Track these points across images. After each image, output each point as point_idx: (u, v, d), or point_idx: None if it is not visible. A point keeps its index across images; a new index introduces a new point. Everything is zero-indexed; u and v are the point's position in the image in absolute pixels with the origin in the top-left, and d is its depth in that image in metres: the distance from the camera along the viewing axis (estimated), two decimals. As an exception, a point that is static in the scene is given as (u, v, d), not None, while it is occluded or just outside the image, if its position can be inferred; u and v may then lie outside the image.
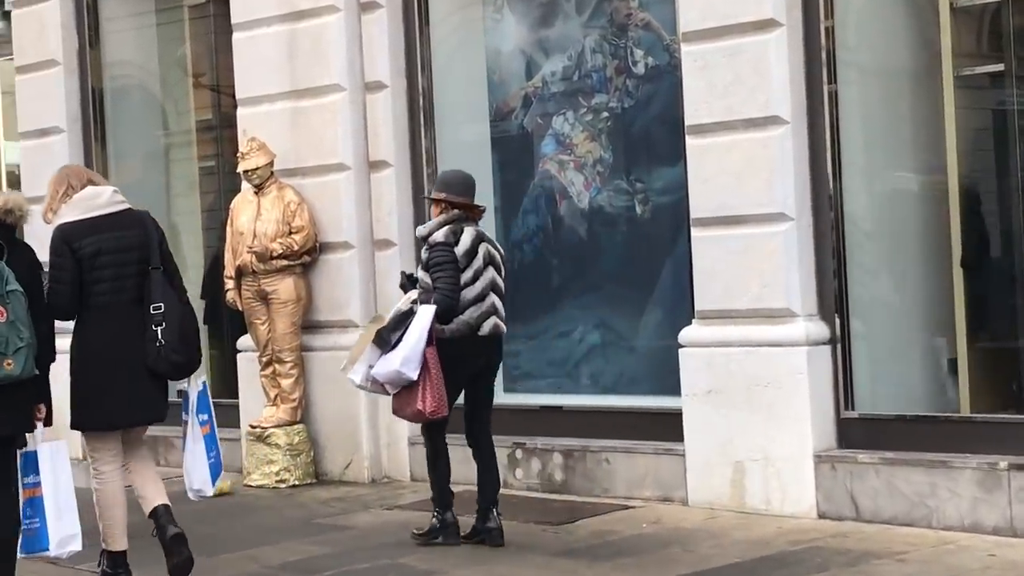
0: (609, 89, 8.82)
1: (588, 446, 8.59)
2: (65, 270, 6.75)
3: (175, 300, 6.86)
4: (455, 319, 7.38)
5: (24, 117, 11.69)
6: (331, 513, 8.59)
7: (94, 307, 6.78)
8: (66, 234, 6.77)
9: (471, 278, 7.43)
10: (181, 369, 6.91)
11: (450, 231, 7.44)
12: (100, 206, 6.84)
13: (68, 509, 6.65)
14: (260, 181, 9.62)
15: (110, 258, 6.77)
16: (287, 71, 9.72)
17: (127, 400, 6.84)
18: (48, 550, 6.63)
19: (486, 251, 7.51)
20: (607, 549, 7.25)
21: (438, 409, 7.30)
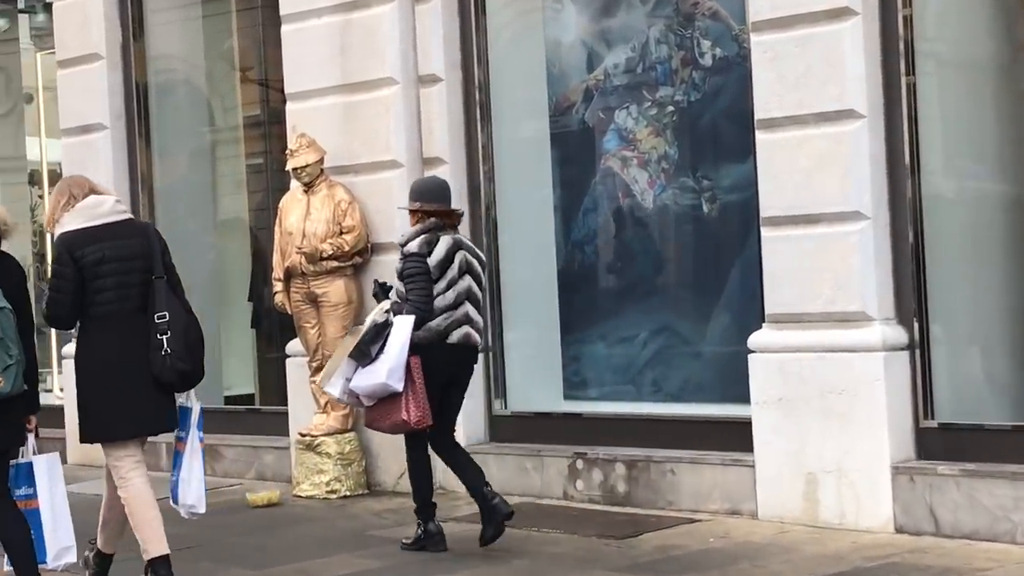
0: (675, 82, 8.78)
1: (652, 456, 8.56)
2: (66, 279, 6.90)
3: (180, 309, 6.99)
4: (424, 327, 7.63)
5: (66, 113, 11.77)
6: (384, 525, 8.59)
7: (97, 316, 6.94)
8: (68, 243, 6.93)
9: (444, 287, 7.69)
10: (187, 378, 7.01)
11: (424, 241, 7.69)
12: (102, 215, 7.00)
13: (63, 520, 6.86)
14: (310, 179, 9.64)
15: (113, 267, 6.92)
16: (338, 64, 9.74)
17: (134, 410, 6.96)
18: (46, 563, 6.80)
19: (463, 259, 7.75)
20: (672, 564, 7.22)
21: (423, 419, 7.54)
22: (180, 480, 7.14)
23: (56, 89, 12.04)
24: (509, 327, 9.54)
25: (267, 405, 11.32)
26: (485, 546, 7.69)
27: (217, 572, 7.66)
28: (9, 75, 13.64)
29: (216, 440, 10.72)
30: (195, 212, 12.10)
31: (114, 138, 11.48)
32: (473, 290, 7.83)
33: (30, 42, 13.24)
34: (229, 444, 10.75)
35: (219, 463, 10.73)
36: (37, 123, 13.25)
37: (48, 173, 13.03)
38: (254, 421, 10.87)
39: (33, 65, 13.16)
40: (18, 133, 13.65)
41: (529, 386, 9.53)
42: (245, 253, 12.33)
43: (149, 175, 11.62)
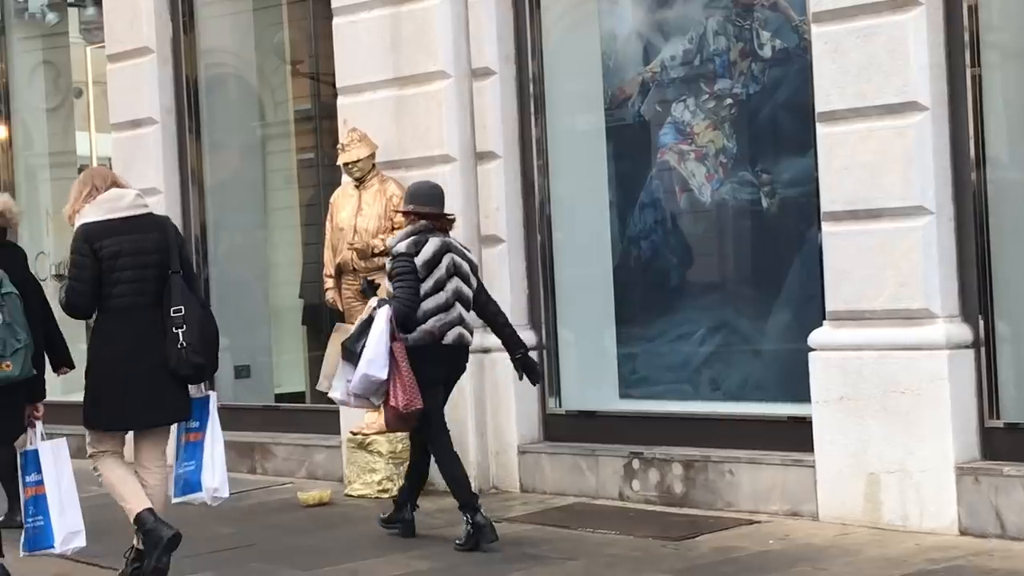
0: (733, 74, 8.73)
1: (710, 456, 8.52)
2: (85, 269, 7.11)
3: (195, 303, 7.22)
4: (417, 328, 7.92)
5: (116, 108, 11.82)
6: (436, 525, 8.58)
7: (113, 308, 7.15)
8: (88, 233, 7.12)
9: (432, 288, 7.97)
10: (202, 371, 7.25)
11: (413, 242, 8.01)
12: (122, 208, 7.21)
13: (71, 506, 7.03)
14: (361, 174, 9.64)
15: (130, 260, 7.13)
16: (390, 58, 9.74)
17: (145, 402, 7.16)
18: (53, 547, 7.00)
19: (451, 261, 8.04)
20: (731, 566, 7.18)
21: (411, 402, 7.75)
22: (203, 465, 7.34)
23: (106, 83, 12.09)
24: (564, 324, 9.52)
25: (318, 403, 11.34)
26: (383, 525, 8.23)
27: (268, 572, 7.67)
28: (59, 69, 13.72)
29: (267, 438, 10.77)
30: (245, 207, 12.14)
31: (164, 133, 11.52)
32: (463, 291, 8.08)
33: (80, 36, 13.31)
34: (280, 443, 10.77)
35: (270, 462, 10.76)
36: (87, 118, 13.33)
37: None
38: (305, 419, 10.88)
39: (83, 59, 13.24)
40: (67, 128, 13.73)
41: (584, 384, 9.51)
42: (296, 249, 12.37)
43: (199, 170, 11.65)
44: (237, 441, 11.03)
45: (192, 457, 7.39)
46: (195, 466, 7.37)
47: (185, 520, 9.06)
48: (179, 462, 7.41)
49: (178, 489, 7.42)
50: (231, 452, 10.91)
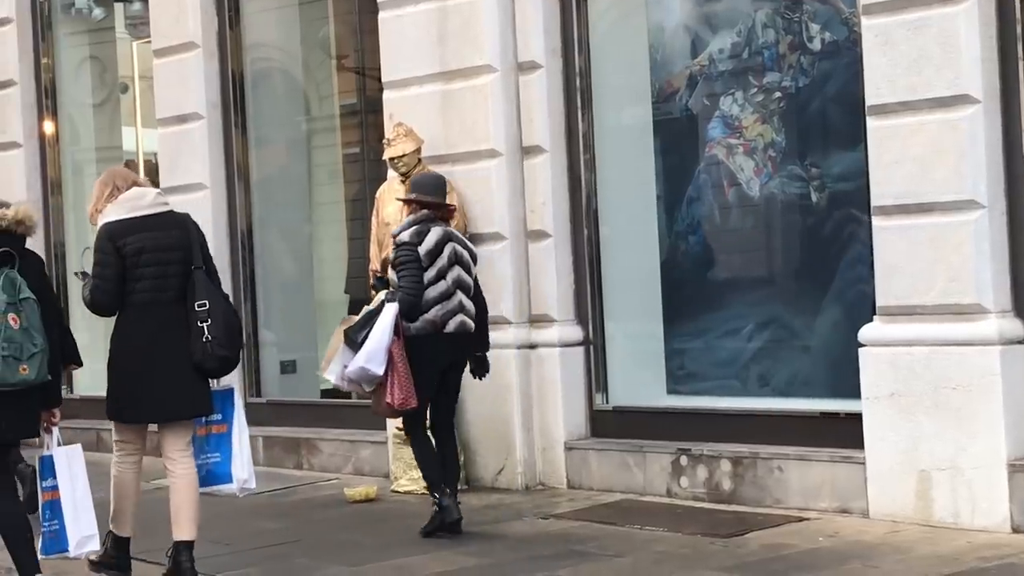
0: (782, 67, 8.71)
1: (759, 453, 8.50)
2: (109, 267, 7.32)
3: (219, 298, 7.40)
4: (420, 317, 8.16)
5: (162, 103, 11.89)
6: (482, 521, 8.60)
7: (136, 304, 7.34)
8: (111, 232, 7.33)
9: (435, 276, 8.21)
10: (227, 364, 7.42)
11: (416, 231, 8.25)
12: (144, 207, 7.42)
13: (85, 511, 7.16)
14: (407, 169, 9.66)
15: (152, 256, 7.33)
16: (436, 52, 9.76)
17: (167, 396, 7.34)
18: (68, 551, 7.13)
19: (452, 250, 8.29)
20: (781, 564, 7.17)
21: (406, 401, 8.01)
22: (233, 456, 7.55)
23: (152, 78, 12.16)
24: (611, 320, 9.51)
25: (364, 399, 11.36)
26: (424, 535, 8.22)
27: (314, 568, 7.70)
28: (104, 64, 13.80)
29: (313, 434, 10.81)
30: (291, 202, 12.18)
31: (210, 127, 11.57)
32: (464, 279, 8.35)
33: (125, 31, 13.39)
34: (326, 439, 10.81)
35: (316, 457, 10.80)
36: (133, 113, 13.40)
37: (144, 163, 13.16)
38: (351, 415, 10.91)
39: (129, 54, 13.30)
40: (113, 123, 13.81)
41: (631, 380, 9.51)
42: (341, 244, 12.41)
43: (245, 165, 11.70)
44: (283, 437, 11.11)
45: (218, 449, 7.58)
46: (222, 458, 7.57)
47: (232, 515, 9.18)
48: (197, 455, 7.55)
49: (200, 480, 7.55)
50: (277, 448, 11.05)
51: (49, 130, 13.32)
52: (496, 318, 9.56)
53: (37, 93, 13.27)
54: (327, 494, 9.85)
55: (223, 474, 7.58)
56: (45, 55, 13.31)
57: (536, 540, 8.04)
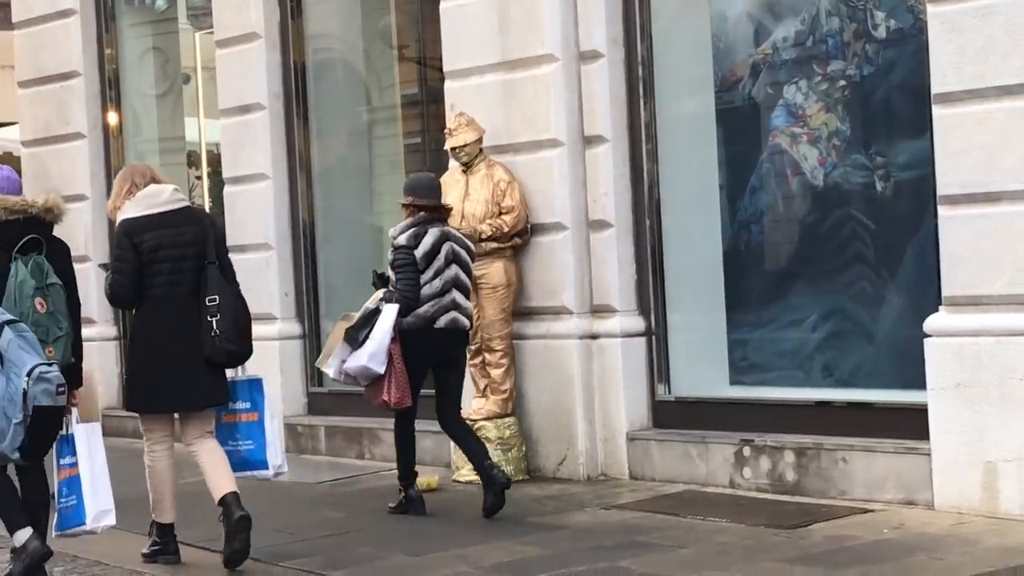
0: (846, 55, 8.66)
1: (822, 444, 8.47)
2: (127, 262, 7.64)
3: (229, 293, 7.67)
4: (412, 312, 8.55)
5: (224, 93, 11.96)
6: (544, 512, 8.61)
7: (153, 298, 7.64)
8: (128, 228, 7.64)
9: (431, 276, 8.58)
10: (235, 357, 7.74)
11: (413, 234, 8.61)
12: (161, 203, 7.70)
13: (103, 486, 7.38)
14: (468, 159, 9.68)
15: (168, 252, 7.62)
16: (497, 41, 9.77)
17: (182, 386, 7.64)
18: (85, 524, 7.35)
19: (449, 250, 8.65)
20: (845, 555, 7.14)
21: (402, 400, 8.51)
22: (267, 444, 7.84)
23: (214, 69, 12.23)
24: (673, 310, 9.50)
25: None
26: (488, 516, 8.46)
27: (377, 557, 7.74)
28: (167, 55, 13.88)
29: (375, 424, 10.85)
30: (352, 192, 12.23)
31: (272, 118, 11.63)
32: (460, 278, 8.69)
33: (188, 22, 13.47)
34: (388, 428, 10.79)
35: (378, 447, 10.84)
36: (195, 103, 13.47)
37: (206, 154, 13.25)
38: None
39: (191, 45, 13.38)
40: (176, 113, 13.89)
41: (694, 371, 9.49)
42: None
43: (307, 155, 11.75)
44: (345, 427, 11.16)
45: (250, 436, 7.86)
46: (256, 445, 7.86)
47: (294, 504, 9.25)
48: (224, 441, 7.84)
49: (233, 465, 7.80)
50: (339, 437, 11.11)
51: (113, 121, 13.43)
52: (557, 308, 9.59)
53: (101, 84, 13.38)
54: (389, 483, 9.86)
55: (257, 460, 7.86)
56: (109, 46, 13.41)
57: (598, 531, 8.04)
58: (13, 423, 4.85)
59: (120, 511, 7.46)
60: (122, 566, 7.91)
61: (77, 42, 13.30)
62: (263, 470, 7.90)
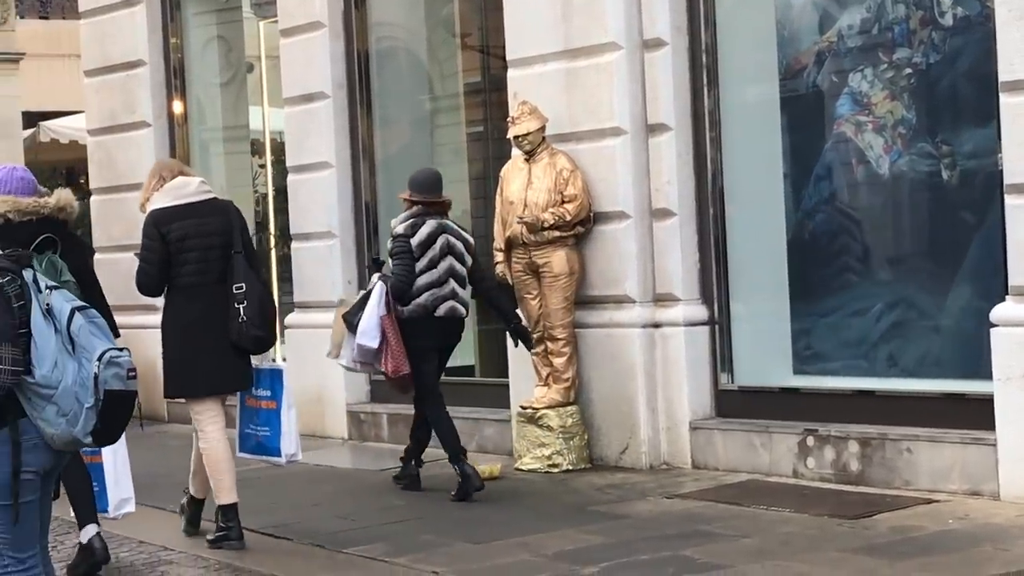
0: (912, 43, 8.60)
1: (887, 434, 8.42)
2: (154, 251, 7.91)
3: (255, 281, 7.95)
4: (412, 302, 8.89)
5: (288, 82, 12.01)
6: (607, 500, 8.62)
7: (181, 287, 7.91)
8: (156, 219, 7.92)
9: (426, 265, 8.95)
10: (262, 343, 7.99)
11: (410, 224, 9.01)
12: (188, 195, 7.98)
13: (124, 475, 7.64)
14: (531, 147, 9.68)
15: (195, 242, 7.88)
16: (560, 30, 9.76)
17: (210, 371, 7.90)
18: (108, 511, 7.62)
19: (445, 241, 9.01)
20: (909, 546, 7.10)
21: (398, 368, 8.80)
22: (282, 433, 8.06)
23: (277, 58, 12.29)
24: (736, 299, 9.47)
25: (487, 377, 11.43)
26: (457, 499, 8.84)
27: (440, 544, 7.76)
28: (230, 44, 13.96)
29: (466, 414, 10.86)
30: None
31: (335, 107, 11.67)
32: (456, 268, 9.04)
33: (252, 11, 13.53)
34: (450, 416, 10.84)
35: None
36: (258, 92, 13.54)
37: (270, 142, 13.32)
38: (475, 393, 10.97)
39: (255, 34, 13.44)
40: (239, 102, 13.97)
41: (757, 360, 9.46)
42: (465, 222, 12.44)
43: (370, 144, 11.79)
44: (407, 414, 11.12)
45: (267, 424, 8.14)
46: (272, 432, 8.11)
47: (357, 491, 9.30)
48: (244, 423, 8.20)
49: (247, 447, 8.22)
50: (401, 425, 11.11)
51: (178, 110, 13.51)
52: (620, 297, 9.58)
53: (166, 73, 13.47)
54: (452, 471, 9.89)
55: (272, 447, 8.14)
56: (174, 35, 13.50)
57: (661, 520, 8.04)
58: (85, 407, 4.88)
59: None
60: (187, 551, 7.97)
61: (143, 31, 13.39)
62: (276, 457, 8.15)
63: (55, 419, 4.91)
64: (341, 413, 11.47)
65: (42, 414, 4.92)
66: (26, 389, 4.90)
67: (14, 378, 4.85)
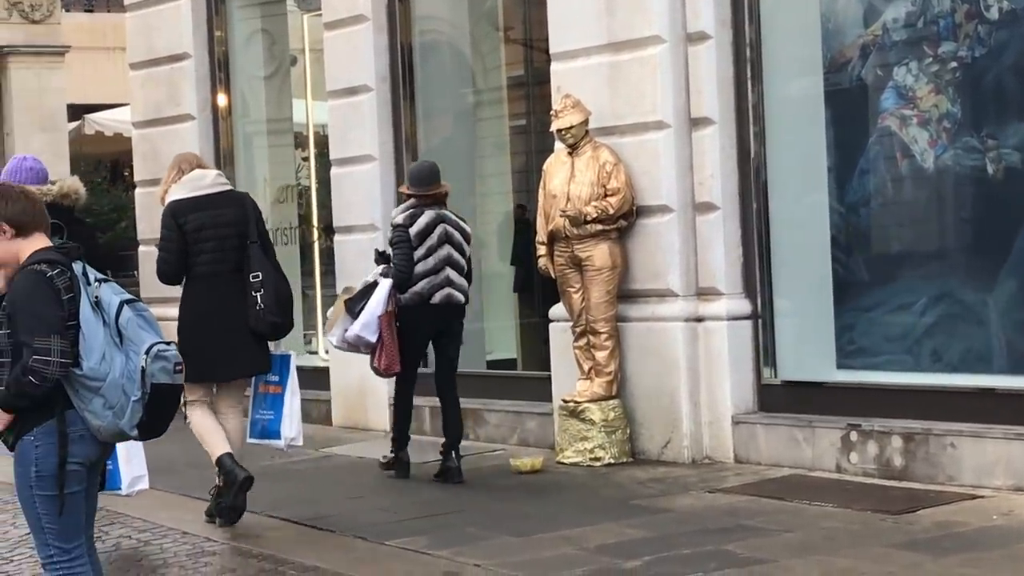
0: (958, 36, 8.55)
1: (931, 429, 8.39)
2: (172, 241, 8.24)
3: (271, 269, 8.24)
4: (409, 290, 9.19)
5: (332, 75, 12.04)
6: (649, 495, 8.62)
7: (198, 275, 8.21)
8: (174, 210, 8.26)
9: (424, 254, 9.21)
10: (278, 329, 8.33)
11: (409, 215, 9.30)
12: (205, 187, 8.31)
13: (136, 453, 7.80)
14: (574, 140, 9.68)
15: (211, 232, 8.20)
16: (604, 23, 9.76)
17: (226, 357, 8.18)
18: (120, 489, 7.83)
19: (442, 231, 9.27)
20: (953, 541, 7.08)
21: (390, 366, 9.20)
22: (283, 417, 8.37)
23: (320, 51, 12.32)
24: (780, 293, 9.45)
25: (529, 370, 11.44)
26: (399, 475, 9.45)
27: (482, 537, 7.78)
28: (274, 37, 14.00)
29: (479, 405, 10.90)
30: (457, 174, 12.23)
31: (379, 100, 11.69)
32: (453, 257, 9.30)
33: (295, 4, 13.58)
34: (492, 409, 10.89)
35: (482, 428, 10.89)
36: (302, 85, 13.58)
37: (313, 135, 13.35)
38: (516, 386, 10.99)
39: (299, 27, 13.48)
40: (283, 95, 14.02)
41: (800, 354, 9.43)
42: (507, 216, 12.48)
43: (413, 137, 11.81)
44: (450, 407, 11.21)
45: (272, 408, 8.45)
46: (275, 416, 8.43)
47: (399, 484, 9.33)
48: (255, 409, 8.48)
49: (254, 433, 8.50)
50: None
51: (222, 102, 13.56)
52: (663, 291, 9.57)
53: (210, 66, 13.51)
54: (493, 464, 9.93)
55: (273, 431, 8.45)
56: (218, 28, 13.55)
57: (703, 514, 8.03)
58: (132, 400, 4.92)
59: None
60: (230, 543, 8.02)
61: (187, 24, 13.44)
62: (275, 440, 8.46)
63: (102, 411, 4.95)
64: (383, 406, 11.49)
65: (89, 406, 4.96)
66: (73, 381, 4.94)
67: (62, 370, 4.89)
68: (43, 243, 5.10)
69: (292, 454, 8.40)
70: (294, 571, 7.28)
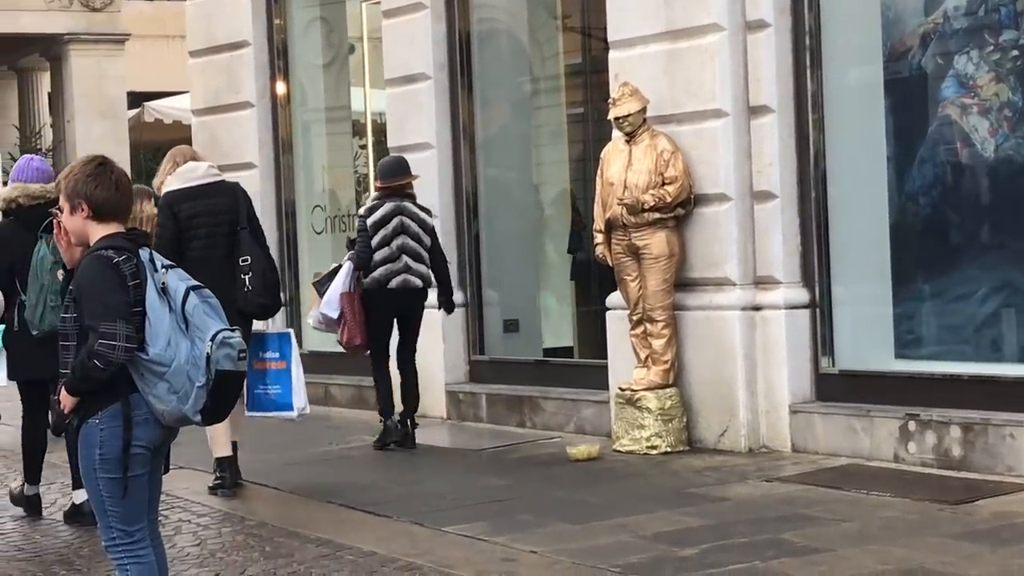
0: (1019, 24, 8.50)
1: (990, 419, 8.35)
2: (166, 228, 8.81)
3: (260, 254, 8.87)
4: (369, 276, 10.03)
5: (390, 63, 12.08)
6: (705, 483, 8.62)
7: (191, 260, 8.51)
8: (169, 200, 8.88)
9: (379, 242, 10.05)
10: (266, 310, 8.97)
11: (369, 208, 10.23)
12: (197, 177, 8.91)
13: (302, 387, 8.58)
14: (632, 129, 9.68)
15: (204, 220, 8.80)
16: (662, 11, 9.75)
17: None
18: (293, 411, 8.72)
19: (399, 222, 10.12)
20: (1012, 532, 7.05)
21: (351, 340, 10.06)
22: (293, 389, 8.93)
23: (378, 39, 12.36)
24: (837, 282, 9.42)
25: (586, 358, 11.46)
26: (377, 449, 10.23)
27: (539, 524, 7.81)
28: (331, 25, 14.05)
29: (535, 392, 10.94)
30: (515, 162, 12.30)
31: (437, 88, 11.73)
32: (409, 245, 10.12)
33: (355, -7, 13.62)
34: (548, 396, 10.91)
35: (538, 415, 10.92)
36: (360, 73, 13.63)
37: (371, 123, 13.40)
38: (573, 374, 11.01)
39: (357, 15, 13.53)
40: (341, 83, 14.07)
41: (858, 344, 9.41)
42: (565, 204, 12.49)
43: (470, 125, 11.83)
44: (506, 395, 11.25)
45: (278, 382, 8.99)
46: (283, 390, 8.97)
47: (456, 470, 9.38)
48: (255, 384, 8.93)
49: (258, 405, 9.03)
50: (500, 405, 11.21)
51: (281, 91, 13.63)
52: (720, 279, 9.57)
53: (270, 54, 13.59)
54: (549, 452, 9.96)
55: (284, 403, 8.98)
56: (277, 16, 13.62)
57: (760, 503, 8.03)
58: (196, 386, 4.97)
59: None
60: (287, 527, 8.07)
61: (247, 12, 13.52)
62: (288, 411, 9.00)
63: (166, 396, 5.01)
64: (440, 393, 11.55)
65: (154, 390, 5.02)
66: (139, 365, 4.99)
67: (127, 355, 4.95)
68: (116, 231, 5.16)
69: (349, 441, 8.45)
70: (351, 556, 7.33)
